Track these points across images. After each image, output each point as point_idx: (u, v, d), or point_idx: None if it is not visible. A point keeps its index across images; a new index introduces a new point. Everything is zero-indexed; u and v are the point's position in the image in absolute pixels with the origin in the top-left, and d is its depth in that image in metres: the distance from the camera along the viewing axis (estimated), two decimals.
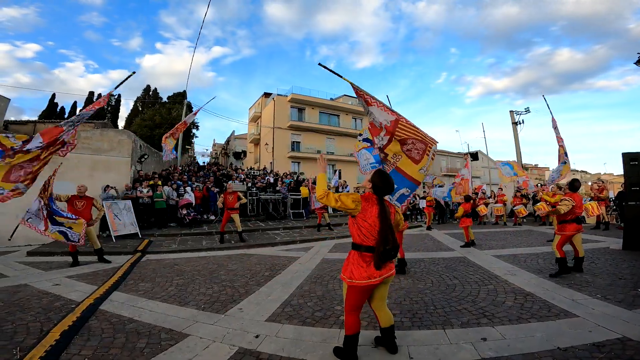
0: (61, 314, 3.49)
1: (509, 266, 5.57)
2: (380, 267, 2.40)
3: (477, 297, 3.98)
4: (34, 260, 6.56)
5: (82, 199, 6.12)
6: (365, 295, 2.51)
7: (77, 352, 2.67)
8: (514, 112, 20.42)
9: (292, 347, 2.79)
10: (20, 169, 3.74)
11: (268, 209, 13.09)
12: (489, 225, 13.06)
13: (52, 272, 5.53)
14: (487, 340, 2.82)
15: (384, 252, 2.37)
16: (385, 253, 2.38)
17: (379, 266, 2.39)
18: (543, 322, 3.16)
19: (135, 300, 4.04)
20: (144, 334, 3.05)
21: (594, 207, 9.88)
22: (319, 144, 29.30)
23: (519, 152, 20.00)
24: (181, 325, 3.24)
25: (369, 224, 2.44)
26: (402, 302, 3.91)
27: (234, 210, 8.35)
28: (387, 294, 2.65)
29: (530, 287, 4.28)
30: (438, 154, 40.81)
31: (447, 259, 6.39)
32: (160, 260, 6.48)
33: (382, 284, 2.52)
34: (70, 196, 6.04)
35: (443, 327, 3.14)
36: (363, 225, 2.45)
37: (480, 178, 40.46)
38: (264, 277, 5.14)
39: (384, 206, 2.48)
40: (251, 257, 6.77)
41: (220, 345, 2.84)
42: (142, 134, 22.61)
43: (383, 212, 2.44)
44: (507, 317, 3.32)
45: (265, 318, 3.46)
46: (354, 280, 2.42)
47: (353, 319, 2.51)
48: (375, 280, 2.40)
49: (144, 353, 2.67)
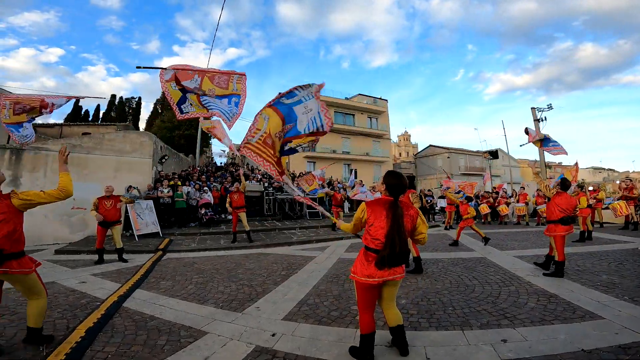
0: (87, 311, 3.63)
1: (531, 267, 5.41)
2: (381, 268, 2.38)
3: (498, 298, 3.88)
4: (61, 259, 6.84)
5: (110, 198, 6.40)
6: (370, 293, 2.50)
7: (101, 349, 2.76)
8: (535, 109, 19.74)
9: (308, 346, 2.81)
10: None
11: (284, 209, 13.19)
12: (510, 225, 12.70)
13: (78, 270, 5.75)
14: (507, 342, 2.75)
15: (389, 255, 2.35)
16: (390, 257, 2.35)
17: (379, 267, 2.38)
18: (567, 324, 3.06)
19: (156, 298, 4.16)
20: (165, 331, 3.13)
21: (622, 207, 9.46)
22: (334, 143, 29.29)
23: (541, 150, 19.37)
24: (200, 323, 3.31)
25: (376, 226, 2.44)
26: (419, 302, 3.86)
27: (241, 209, 8.36)
28: (395, 295, 2.64)
29: (554, 289, 4.14)
30: (456, 153, 40.10)
31: (466, 259, 6.26)
32: (180, 259, 6.64)
33: (389, 285, 2.53)
34: (98, 199, 6.33)
35: (461, 328, 3.08)
36: (370, 228, 2.48)
37: (500, 177, 39.41)
38: (281, 276, 5.18)
39: (396, 208, 2.43)
40: (268, 257, 6.85)
41: (238, 343, 2.88)
42: (162, 135, 23.22)
43: (394, 214, 2.40)
44: (529, 319, 3.22)
45: (282, 317, 3.49)
46: (356, 275, 2.48)
47: (366, 318, 2.51)
48: (374, 280, 2.40)
49: (164, 350, 2.75)
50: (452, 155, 39.05)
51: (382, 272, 2.39)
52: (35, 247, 8.19)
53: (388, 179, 2.56)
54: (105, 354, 2.66)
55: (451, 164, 38.71)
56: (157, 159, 11.92)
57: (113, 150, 10.37)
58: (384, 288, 2.55)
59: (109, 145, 10.36)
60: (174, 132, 27.53)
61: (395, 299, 2.65)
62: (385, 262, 2.36)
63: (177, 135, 27.11)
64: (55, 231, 9.01)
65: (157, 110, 38.63)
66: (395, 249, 2.34)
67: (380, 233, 2.41)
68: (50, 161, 9.19)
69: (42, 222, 8.90)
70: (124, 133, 11.37)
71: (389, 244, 2.35)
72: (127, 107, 41.67)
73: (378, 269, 2.39)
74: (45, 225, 8.89)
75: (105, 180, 8.80)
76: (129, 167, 10.57)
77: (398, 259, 2.38)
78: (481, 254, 6.68)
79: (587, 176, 35.80)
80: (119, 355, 2.64)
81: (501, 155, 32.97)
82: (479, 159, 39.07)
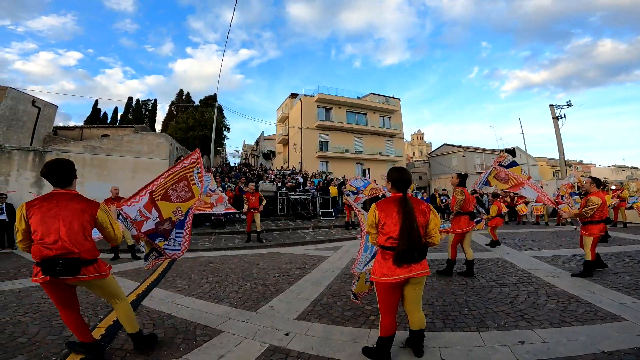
0: (106, 309, 3.73)
1: (551, 268, 5.27)
2: (400, 265, 2.34)
3: (516, 300, 3.80)
4: None
5: (115, 200, 5.93)
6: (390, 294, 2.43)
7: (120, 346, 2.83)
8: (554, 106, 19.25)
9: (321, 345, 2.81)
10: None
11: (297, 209, 13.24)
12: (529, 225, 12.39)
13: None
14: (525, 344, 2.69)
15: (405, 251, 2.31)
16: (407, 252, 2.31)
17: (398, 264, 2.34)
18: (588, 326, 2.98)
19: (173, 296, 4.24)
20: (181, 329, 3.19)
21: None
22: (347, 143, 29.20)
23: (561, 148, 18.83)
24: (215, 322, 3.35)
25: (389, 224, 2.41)
26: (434, 302, 3.81)
27: (256, 210, 8.46)
28: (420, 297, 2.52)
29: (575, 290, 4.03)
30: (471, 152, 39.37)
31: (482, 259, 6.14)
32: (196, 258, 6.75)
33: (411, 285, 2.44)
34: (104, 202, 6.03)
35: (478, 329, 3.02)
36: (384, 227, 2.44)
37: None
38: (294, 276, 5.20)
39: (405, 203, 2.40)
40: (282, 256, 6.89)
41: (252, 342, 2.91)
42: (177, 136, 23.67)
43: (405, 209, 2.37)
44: (549, 320, 3.14)
45: (296, 316, 3.51)
46: (375, 275, 2.44)
47: (386, 320, 2.46)
48: (393, 279, 2.35)
49: (180, 348, 2.79)
50: (467, 154, 38.35)
51: (401, 269, 2.34)
52: None
53: (392, 175, 2.58)
54: (123, 352, 2.73)
55: (466, 163, 38.04)
56: (173, 159, 12.16)
57: (131, 151, 10.65)
58: (406, 288, 2.46)
59: (127, 146, 10.64)
60: (189, 133, 28.03)
61: (420, 302, 2.54)
62: (403, 258, 2.32)
63: (191, 136, 27.59)
64: None
65: (172, 112, 39.43)
66: (411, 243, 2.30)
67: (393, 230, 2.38)
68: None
69: None
70: (141, 135, 11.66)
71: (405, 239, 2.30)
72: (143, 109, 42.67)
73: (397, 267, 2.34)
74: None
75: (123, 180, 9.04)
76: (146, 167, 10.82)
77: (415, 254, 2.34)
78: (498, 254, 6.54)
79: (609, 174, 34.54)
80: (137, 353, 2.70)
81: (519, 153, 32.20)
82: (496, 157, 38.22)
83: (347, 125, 29.44)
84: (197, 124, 28.40)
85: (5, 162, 9.11)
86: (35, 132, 18.51)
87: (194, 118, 29.43)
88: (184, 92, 42.07)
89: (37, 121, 18.69)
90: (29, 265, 6.19)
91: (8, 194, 8.59)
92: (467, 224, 4.99)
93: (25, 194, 8.96)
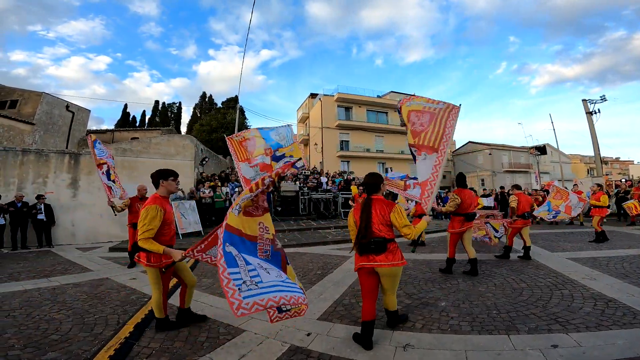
0: (135, 307, 3.86)
1: (587, 270, 4.97)
2: (361, 255, 2.79)
3: (549, 303, 3.61)
4: (115, 256, 7.35)
5: (142, 200, 5.78)
6: (365, 280, 2.80)
7: (147, 344, 2.90)
8: (587, 101, 18.21)
9: (342, 346, 2.78)
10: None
11: (319, 208, 13.23)
12: (562, 226, 11.76)
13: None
14: (558, 347, 2.56)
15: (361, 243, 2.75)
16: (362, 244, 2.74)
17: (360, 254, 2.81)
18: (626, 330, 2.81)
19: (198, 295, 4.31)
20: (205, 328, 3.24)
21: None
22: (367, 142, 28.94)
23: (596, 144, 17.78)
24: (238, 321, 3.38)
25: (354, 220, 2.92)
26: (460, 305, 3.69)
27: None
28: (394, 287, 2.91)
29: (613, 293, 3.79)
30: (498, 149, 37.99)
31: (512, 261, 5.90)
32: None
33: (382, 276, 2.77)
34: (130, 199, 5.94)
35: (507, 333, 2.90)
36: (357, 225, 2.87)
37: (549, 174, 36.80)
38: (316, 276, 5.19)
39: (366, 204, 2.83)
40: (303, 256, 6.90)
41: (273, 341, 2.92)
42: (201, 138, 24.26)
43: (362, 207, 2.82)
44: (584, 324, 2.98)
45: (317, 317, 3.49)
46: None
47: (365, 305, 2.79)
48: (357, 266, 2.82)
49: (203, 347, 2.84)
50: (493, 151, 37.08)
51: (362, 258, 2.77)
52: (92, 245, 8.91)
53: (364, 179, 3.00)
54: (150, 349, 2.80)
55: (493, 160, 36.76)
56: (198, 160, 12.47)
57: (159, 153, 11.00)
58: (382, 279, 2.81)
59: (155, 148, 11.01)
60: (213, 134, 28.68)
61: (394, 291, 2.96)
62: (361, 248, 2.76)
63: (215, 138, 28.22)
64: (109, 229, 9.72)
65: (197, 115, 40.55)
66: (363, 235, 2.73)
67: (356, 225, 2.86)
68: None
69: (97, 221, 9.67)
70: (168, 137, 12.01)
71: (362, 232, 2.74)
72: (169, 112, 44.19)
73: (360, 256, 2.81)
74: (101, 224, 9.64)
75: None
76: (174, 168, 11.08)
77: (372, 246, 2.70)
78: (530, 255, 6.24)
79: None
80: (163, 350, 2.76)
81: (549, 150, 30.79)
82: (524, 155, 36.71)
83: (368, 124, 29.17)
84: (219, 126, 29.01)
85: (43, 165, 9.65)
86: (70, 135, 19.54)
87: (216, 120, 30.11)
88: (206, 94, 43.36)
89: (72, 125, 19.72)
90: (65, 264, 6.54)
91: (46, 195, 9.10)
92: (460, 225, 5.00)
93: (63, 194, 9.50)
